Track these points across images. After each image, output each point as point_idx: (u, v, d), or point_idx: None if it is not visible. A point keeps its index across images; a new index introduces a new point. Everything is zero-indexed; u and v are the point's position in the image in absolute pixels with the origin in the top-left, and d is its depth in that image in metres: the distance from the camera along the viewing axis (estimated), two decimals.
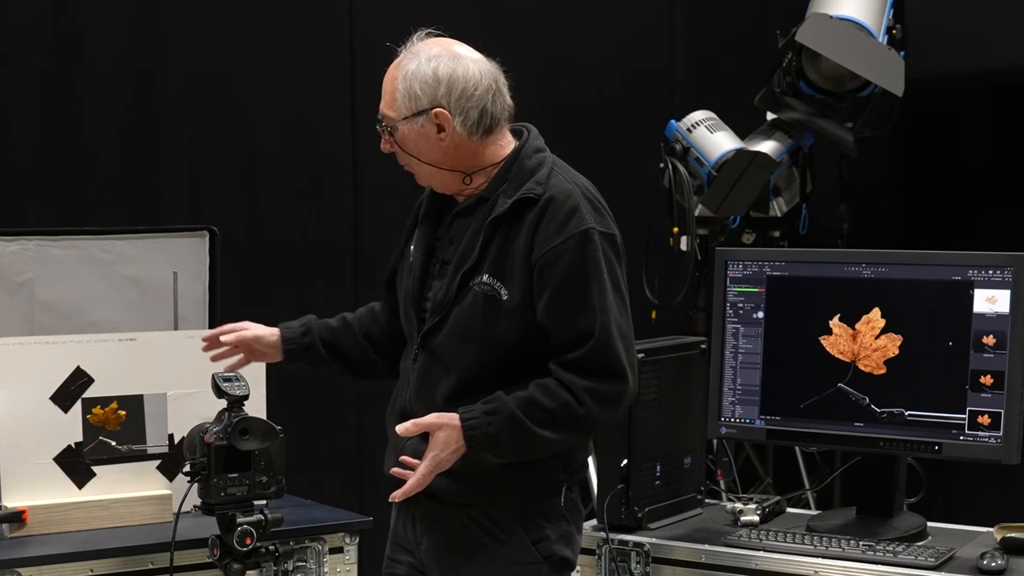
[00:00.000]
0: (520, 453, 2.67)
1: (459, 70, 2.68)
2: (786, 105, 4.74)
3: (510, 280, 2.67)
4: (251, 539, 2.82)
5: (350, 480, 4.71)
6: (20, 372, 3.09)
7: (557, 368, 2.66)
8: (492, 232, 2.69)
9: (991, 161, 5.43)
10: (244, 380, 2.88)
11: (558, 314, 2.64)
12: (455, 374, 2.70)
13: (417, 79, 2.68)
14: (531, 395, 2.64)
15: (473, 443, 2.63)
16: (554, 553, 2.76)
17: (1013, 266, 3.00)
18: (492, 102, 2.71)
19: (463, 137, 2.70)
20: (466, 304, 2.70)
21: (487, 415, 2.63)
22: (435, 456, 2.64)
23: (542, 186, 2.69)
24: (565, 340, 2.64)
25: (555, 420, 2.63)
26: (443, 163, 2.73)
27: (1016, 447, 3.01)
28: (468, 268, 2.70)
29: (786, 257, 3.30)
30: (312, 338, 2.99)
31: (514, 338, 2.67)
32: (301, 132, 4.70)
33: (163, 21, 4.43)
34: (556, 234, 2.64)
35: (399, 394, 2.83)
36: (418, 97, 2.68)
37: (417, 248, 2.81)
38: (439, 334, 2.73)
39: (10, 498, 3.07)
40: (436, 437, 2.64)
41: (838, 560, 2.92)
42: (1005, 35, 4.85)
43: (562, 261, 2.63)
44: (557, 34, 5.22)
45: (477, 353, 2.69)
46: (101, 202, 4.33)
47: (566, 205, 2.67)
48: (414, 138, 2.71)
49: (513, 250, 2.68)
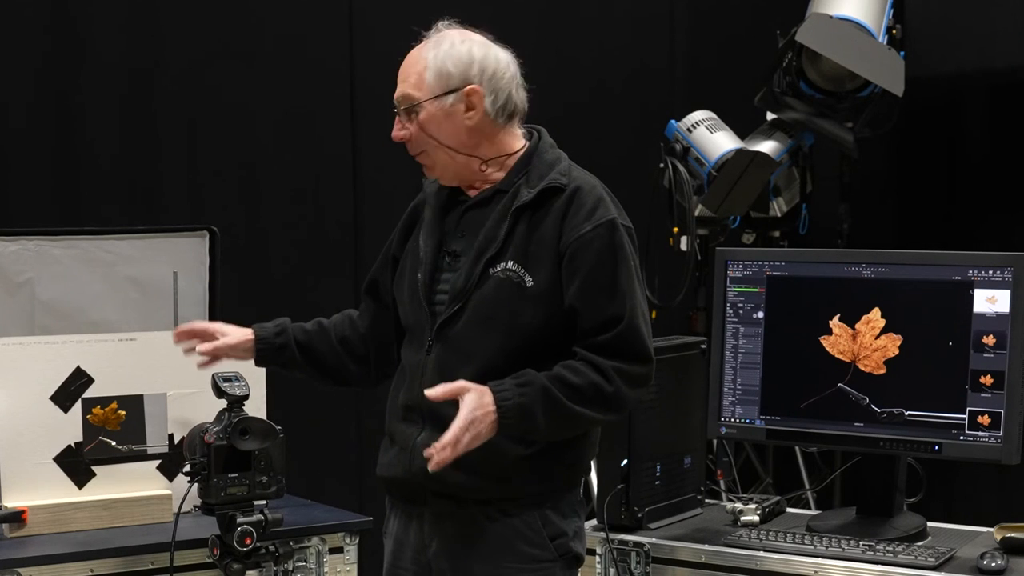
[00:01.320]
0: (552, 428, 2.66)
1: (491, 54, 2.75)
2: (786, 105, 4.74)
3: (535, 267, 2.69)
4: (251, 539, 2.82)
5: (350, 480, 4.71)
6: (20, 372, 3.09)
7: (583, 351, 2.68)
8: (516, 220, 2.71)
9: (991, 161, 5.43)
10: (244, 380, 2.88)
11: (590, 298, 2.67)
12: (476, 362, 2.69)
13: (451, 58, 2.72)
14: (559, 373, 2.65)
15: (505, 414, 2.60)
16: (570, 550, 2.77)
17: (1013, 266, 3.00)
18: (516, 91, 2.78)
19: (488, 119, 2.73)
20: (487, 291, 2.70)
21: (519, 387, 2.62)
22: (471, 412, 2.58)
23: (566, 176, 2.74)
24: (594, 324, 2.67)
25: (585, 397, 2.64)
26: (463, 147, 2.74)
27: (1016, 447, 3.01)
28: (491, 256, 2.71)
29: (786, 257, 3.30)
30: (286, 339, 2.94)
31: (538, 325, 2.68)
32: (301, 132, 4.70)
33: (162, 21, 4.43)
34: (586, 221, 2.68)
35: (409, 388, 2.78)
36: (451, 75, 2.71)
37: (427, 242, 2.81)
38: (458, 323, 2.72)
39: (10, 498, 3.07)
40: (466, 399, 2.60)
41: (838, 560, 2.92)
42: (1005, 35, 4.85)
43: (593, 247, 2.67)
44: (557, 34, 5.22)
45: (500, 340, 2.69)
46: (101, 202, 4.33)
47: (592, 195, 2.72)
48: (439, 119, 2.73)
49: (539, 237, 2.70)
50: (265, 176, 4.64)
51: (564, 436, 2.72)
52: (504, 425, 2.62)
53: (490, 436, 2.62)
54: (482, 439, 2.61)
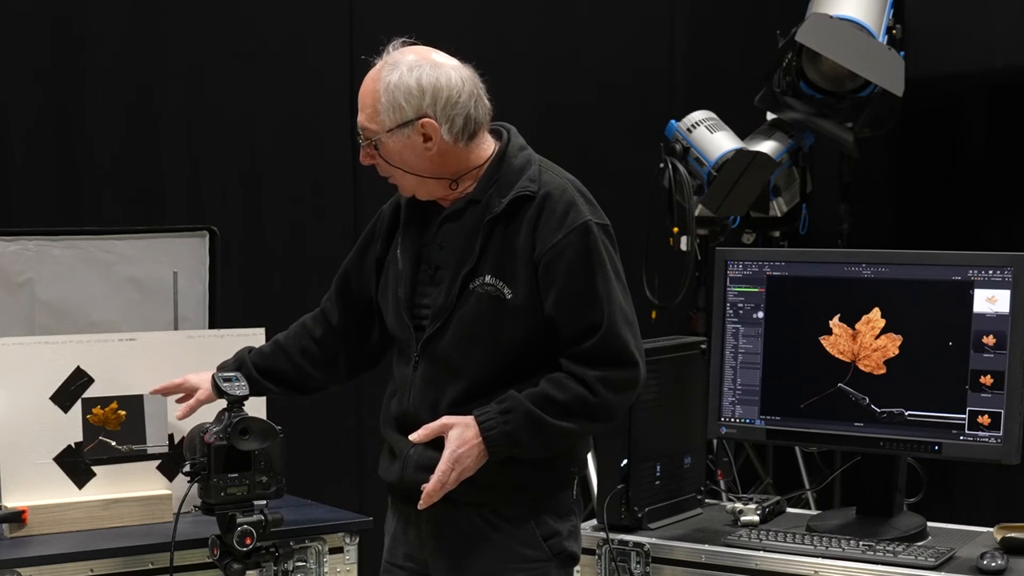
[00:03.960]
0: (541, 448, 2.67)
1: (442, 78, 2.67)
2: (786, 105, 4.74)
3: (512, 279, 2.68)
4: (251, 539, 2.82)
5: (350, 480, 4.71)
6: (20, 372, 3.09)
7: (567, 361, 2.67)
8: (489, 232, 2.69)
9: (991, 161, 5.43)
10: (244, 380, 2.88)
11: (567, 307, 2.65)
12: (464, 379, 2.70)
13: (400, 90, 2.66)
14: (543, 390, 2.65)
15: (492, 443, 2.63)
16: (564, 549, 2.77)
17: (1013, 266, 3.00)
18: (475, 107, 2.70)
19: (449, 144, 2.69)
20: (469, 307, 2.69)
21: (502, 414, 2.63)
22: (453, 452, 2.62)
23: (535, 183, 2.70)
24: (574, 332, 2.66)
25: (570, 411, 2.64)
26: (429, 172, 2.72)
27: (1016, 447, 3.01)
28: (468, 270, 2.69)
29: (786, 257, 3.30)
30: (247, 370, 2.98)
31: (521, 336, 2.68)
32: (301, 133, 4.70)
33: (163, 22, 4.43)
34: (557, 229, 2.66)
35: (398, 400, 2.80)
36: (403, 108, 2.66)
37: (404, 255, 2.80)
38: (442, 340, 2.72)
39: (10, 498, 3.07)
40: (450, 436, 2.63)
41: (838, 560, 2.92)
42: (1005, 35, 4.85)
43: (566, 255, 2.65)
44: (558, 34, 5.22)
45: (485, 355, 2.69)
46: (101, 202, 4.33)
47: (562, 200, 2.68)
48: (399, 150, 2.70)
49: (513, 248, 2.68)
50: (265, 176, 4.64)
51: (557, 450, 2.72)
52: (493, 453, 2.64)
53: (479, 466, 2.65)
54: (471, 471, 2.64)
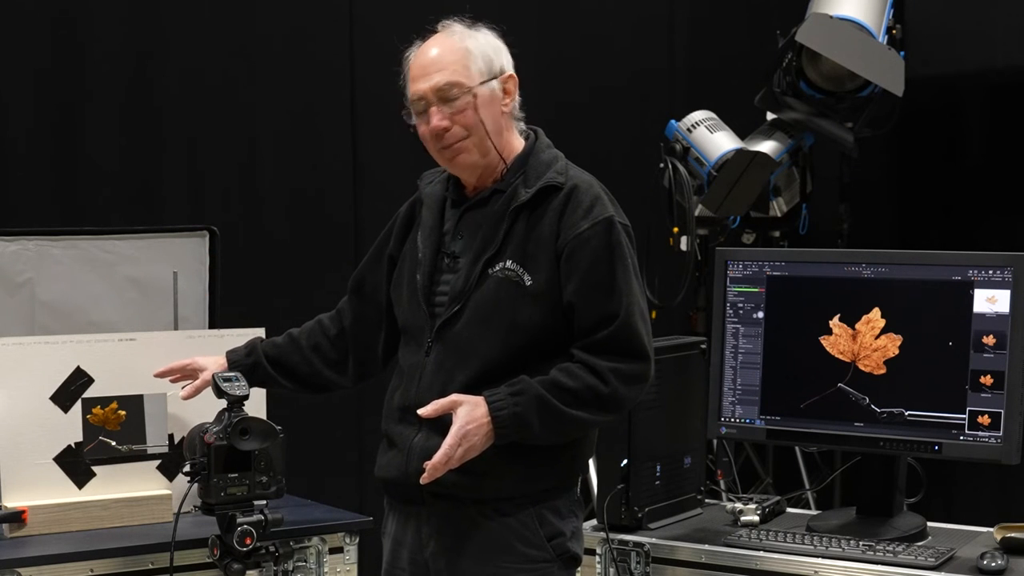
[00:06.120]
0: (549, 435, 2.67)
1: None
2: (786, 105, 4.74)
3: (534, 265, 2.69)
4: (251, 539, 2.82)
5: (350, 480, 4.71)
6: (20, 372, 3.09)
7: (580, 351, 2.68)
8: (514, 219, 2.72)
9: (991, 161, 5.43)
10: (244, 380, 2.88)
11: (587, 295, 2.67)
12: (476, 362, 2.69)
13: (489, 45, 2.78)
14: (555, 377, 2.65)
15: (501, 424, 2.62)
16: (568, 550, 2.77)
17: (1013, 266, 3.00)
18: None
19: (511, 112, 2.79)
20: (487, 291, 2.70)
21: (513, 396, 2.63)
22: (461, 427, 2.60)
23: (563, 175, 2.75)
24: (591, 322, 2.68)
25: (581, 400, 2.65)
26: (497, 136, 2.77)
27: (1016, 447, 3.01)
28: (490, 256, 2.71)
29: (786, 257, 3.30)
30: (257, 357, 3.00)
31: (537, 323, 2.69)
32: (301, 132, 4.70)
33: (163, 21, 4.43)
34: (583, 219, 2.69)
35: (406, 390, 2.79)
36: (492, 60, 2.76)
37: (426, 244, 2.81)
38: (458, 323, 2.72)
39: (10, 498, 3.07)
40: (459, 413, 2.62)
41: (838, 560, 2.92)
42: (1005, 35, 4.85)
43: (591, 245, 2.68)
44: (558, 34, 5.22)
45: (500, 340, 2.69)
46: (101, 202, 4.33)
47: (589, 193, 2.73)
48: (488, 102, 2.75)
49: (537, 236, 2.71)
50: (265, 176, 4.65)
51: (564, 440, 2.72)
52: (500, 435, 2.63)
53: (486, 446, 2.64)
54: (477, 451, 2.63)
